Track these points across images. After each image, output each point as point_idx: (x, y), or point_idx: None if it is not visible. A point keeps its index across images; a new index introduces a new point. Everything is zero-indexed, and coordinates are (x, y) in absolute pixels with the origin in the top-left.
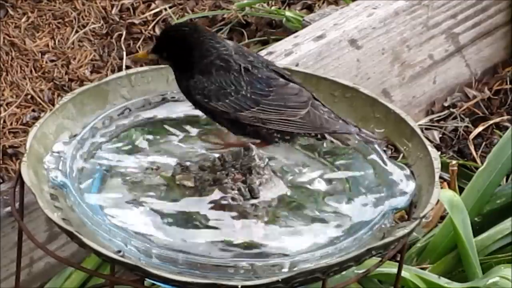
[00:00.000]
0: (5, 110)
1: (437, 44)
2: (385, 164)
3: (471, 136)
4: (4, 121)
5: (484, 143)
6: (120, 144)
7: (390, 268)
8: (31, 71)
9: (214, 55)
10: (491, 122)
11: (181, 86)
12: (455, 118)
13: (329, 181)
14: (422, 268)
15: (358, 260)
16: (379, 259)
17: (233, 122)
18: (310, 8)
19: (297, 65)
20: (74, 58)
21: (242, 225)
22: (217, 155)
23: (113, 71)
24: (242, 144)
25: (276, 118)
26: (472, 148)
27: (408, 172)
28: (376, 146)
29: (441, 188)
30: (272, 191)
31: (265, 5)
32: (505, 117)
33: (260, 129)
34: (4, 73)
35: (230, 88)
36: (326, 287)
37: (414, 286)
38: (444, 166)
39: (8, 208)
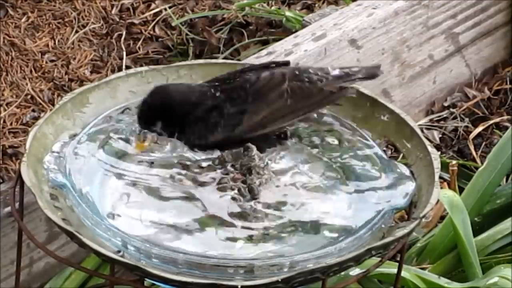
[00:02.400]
0: (5, 110)
1: (437, 44)
2: (385, 164)
3: (471, 136)
4: (4, 121)
5: (484, 143)
6: (120, 143)
7: (390, 268)
8: (31, 71)
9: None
10: (491, 122)
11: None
12: (455, 118)
13: (328, 180)
14: (422, 268)
15: (358, 260)
16: (379, 259)
17: (239, 142)
18: (310, 8)
19: (297, 65)
20: (74, 58)
21: (242, 225)
22: (216, 155)
23: (113, 71)
24: None
25: (266, 111)
26: (472, 148)
27: (408, 172)
28: (375, 144)
29: (441, 188)
30: (272, 191)
31: (265, 5)
32: (505, 117)
33: (263, 136)
34: (4, 73)
35: (213, 117)
36: (326, 287)
37: (414, 286)
38: (444, 166)
39: (8, 208)
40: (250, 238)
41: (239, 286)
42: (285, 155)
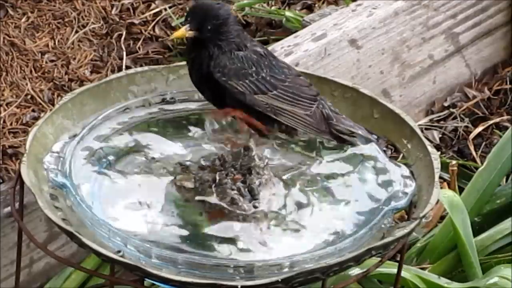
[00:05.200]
0: (5, 110)
1: (437, 44)
2: (385, 164)
3: (471, 136)
4: (4, 121)
5: (484, 143)
6: (120, 144)
7: (390, 268)
8: (31, 71)
9: (237, 38)
10: (491, 122)
11: (196, 66)
12: (455, 118)
13: (328, 181)
14: (422, 268)
15: (358, 260)
16: (379, 259)
17: (247, 106)
18: (310, 8)
19: (297, 65)
20: (74, 58)
21: (241, 225)
22: (217, 155)
23: (113, 71)
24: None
25: (288, 108)
26: (472, 148)
27: (408, 172)
28: (375, 144)
29: (441, 188)
30: (271, 192)
31: (265, 5)
32: (505, 117)
33: (267, 119)
34: (4, 73)
35: (251, 69)
36: (326, 287)
37: (414, 286)
38: (444, 166)
39: (8, 208)
40: (250, 239)
41: (239, 286)
42: (283, 156)
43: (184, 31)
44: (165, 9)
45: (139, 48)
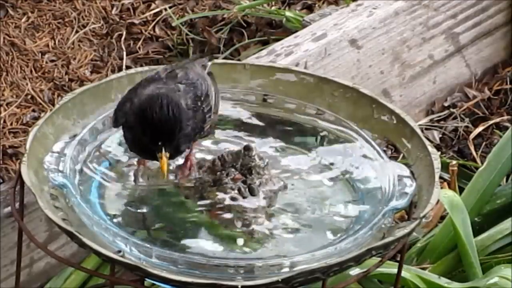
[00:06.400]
0: (5, 110)
1: (437, 44)
2: (385, 164)
3: (471, 136)
4: (4, 121)
5: (484, 143)
6: (120, 144)
7: (390, 268)
8: (31, 71)
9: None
10: (491, 122)
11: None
12: (455, 118)
13: (328, 181)
14: (422, 268)
15: (358, 260)
16: (379, 259)
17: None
18: (310, 8)
19: (297, 65)
20: (74, 58)
21: (242, 225)
22: (216, 155)
23: (113, 71)
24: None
25: (210, 98)
26: (472, 148)
27: (408, 172)
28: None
29: (441, 188)
30: (272, 191)
31: (265, 5)
32: (505, 117)
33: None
34: (4, 73)
35: (195, 119)
36: (326, 287)
37: (414, 286)
38: (444, 166)
39: (8, 208)
40: (251, 238)
41: (239, 286)
42: (283, 156)
43: (167, 161)
44: (165, 9)
45: (139, 48)
